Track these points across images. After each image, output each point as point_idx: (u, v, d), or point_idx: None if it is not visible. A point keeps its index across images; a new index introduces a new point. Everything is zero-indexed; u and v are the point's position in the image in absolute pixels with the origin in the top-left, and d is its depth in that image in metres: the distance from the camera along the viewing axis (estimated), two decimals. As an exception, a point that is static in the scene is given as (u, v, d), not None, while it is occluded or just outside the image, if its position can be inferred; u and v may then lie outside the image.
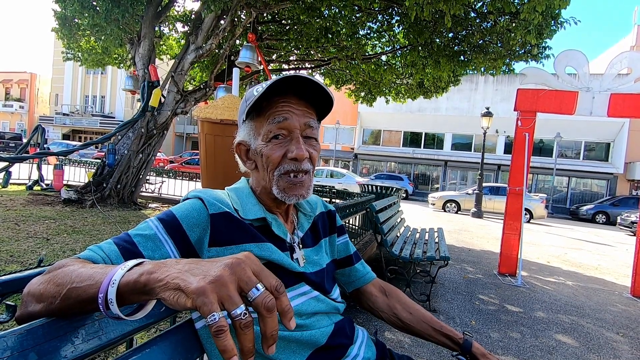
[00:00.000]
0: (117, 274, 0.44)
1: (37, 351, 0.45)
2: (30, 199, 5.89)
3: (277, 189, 0.72)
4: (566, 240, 8.73)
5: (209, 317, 0.38)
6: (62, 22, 6.59)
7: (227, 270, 0.42)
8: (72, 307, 0.48)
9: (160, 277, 0.42)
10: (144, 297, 0.44)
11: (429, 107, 21.86)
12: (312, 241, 0.83)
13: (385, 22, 6.44)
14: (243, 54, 5.28)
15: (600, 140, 21.43)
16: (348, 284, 0.96)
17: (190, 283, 0.40)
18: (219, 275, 0.41)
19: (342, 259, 0.94)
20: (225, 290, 0.40)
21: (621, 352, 2.58)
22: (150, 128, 6.32)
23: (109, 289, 0.43)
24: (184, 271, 0.42)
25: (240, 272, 0.42)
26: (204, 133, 3.99)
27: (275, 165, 0.71)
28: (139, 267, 0.45)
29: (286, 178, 0.72)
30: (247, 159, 0.77)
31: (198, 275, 0.41)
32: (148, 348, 0.64)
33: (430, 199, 15.08)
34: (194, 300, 0.39)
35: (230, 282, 0.41)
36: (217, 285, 0.40)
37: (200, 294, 0.39)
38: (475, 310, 3.12)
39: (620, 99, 3.99)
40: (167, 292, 0.41)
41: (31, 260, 2.96)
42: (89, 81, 30.67)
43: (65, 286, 0.47)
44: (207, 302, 0.39)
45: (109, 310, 0.44)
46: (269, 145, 0.71)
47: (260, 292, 0.42)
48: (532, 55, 5.43)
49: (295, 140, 0.71)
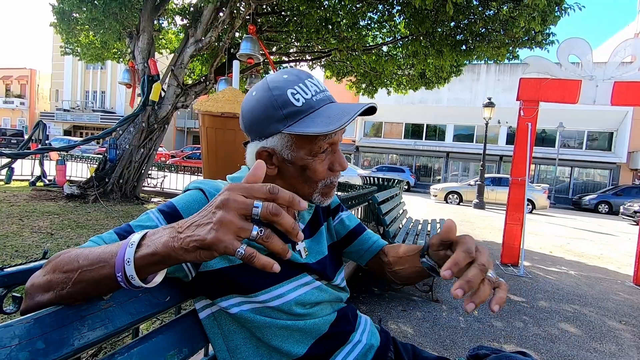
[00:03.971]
0: (128, 252, 0.47)
1: (44, 339, 0.46)
2: (33, 195, 5.92)
3: (319, 195, 0.74)
4: (569, 230, 8.73)
5: (237, 253, 0.43)
6: (61, 17, 6.54)
7: (224, 212, 0.44)
8: (85, 290, 0.50)
9: (174, 245, 0.45)
10: (163, 266, 0.48)
11: (430, 99, 21.72)
12: (313, 231, 0.83)
13: (386, 12, 6.35)
14: (244, 45, 5.21)
15: (603, 129, 21.27)
16: (359, 258, 0.93)
17: (204, 238, 0.43)
18: (220, 220, 0.44)
19: (342, 239, 0.92)
20: (233, 227, 0.43)
21: (623, 340, 2.59)
22: (151, 122, 6.31)
23: (126, 267, 0.46)
24: (191, 232, 0.45)
25: (233, 205, 0.44)
26: (205, 126, 3.98)
27: (322, 178, 0.72)
28: (146, 240, 0.48)
29: (327, 186, 0.75)
30: (268, 165, 0.71)
31: (204, 226, 0.44)
32: (153, 337, 0.65)
33: (432, 191, 15.07)
34: (215, 249, 0.43)
35: (232, 217, 0.44)
36: (225, 227, 0.43)
37: (219, 242, 0.43)
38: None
39: (624, 88, 3.95)
40: (189, 255, 0.45)
41: (36, 255, 2.99)
42: (89, 76, 30.57)
43: (75, 271, 0.49)
44: (228, 244, 0.43)
45: (131, 285, 0.48)
46: (317, 160, 0.70)
47: (261, 206, 0.44)
48: (536, 42, 5.35)
49: (339, 153, 0.74)
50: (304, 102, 0.67)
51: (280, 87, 0.67)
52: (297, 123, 0.66)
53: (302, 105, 0.67)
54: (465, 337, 2.41)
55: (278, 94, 0.67)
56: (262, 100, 0.68)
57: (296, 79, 0.69)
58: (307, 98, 0.67)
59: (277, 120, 0.67)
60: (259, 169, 0.49)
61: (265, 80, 0.71)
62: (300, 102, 0.67)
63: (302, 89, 0.68)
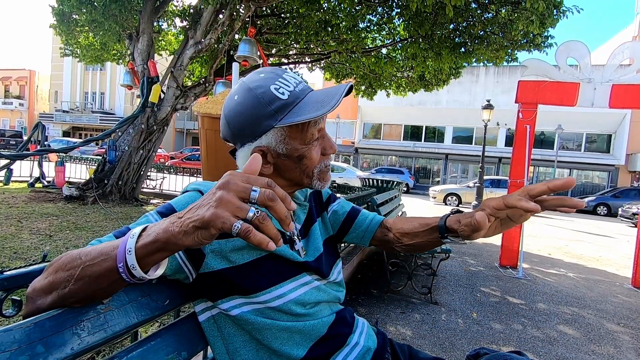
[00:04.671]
0: (129, 242, 0.48)
1: (44, 343, 0.46)
2: (32, 196, 5.91)
3: (318, 181, 0.76)
4: (567, 232, 8.74)
5: (233, 227, 0.44)
6: (60, 18, 6.55)
7: (224, 192, 0.46)
8: (87, 286, 0.50)
9: (175, 229, 0.46)
10: (164, 254, 0.49)
11: (429, 101, 21.77)
12: (307, 229, 0.84)
13: (385, 14, 6.37)
14: (242, 47, 5.22)
15: (602, 131, 21.34)
16: (361, 240, 0.94)
17: (202, 216, 0.45)
18: (220, 198, 0.45)
19: (339, 228, 0.93)
20: (231, 205, 0.45)
21: (622, 342, 2.60)
22: (150, 124, 6.31)
23: (127, 257, 0.47)
24: (191, 214, 0.47)
25: (233, 187, 0.46)
26: (204, 128, 3.98)
27: (317, 163, 0.75)
28: (147, 231, 0.49)
29: (323, 170, 0.77)
30: (263, 165, 0.71)
31: (204, 207, 0.46)
32: (153, 340, 0.65)
33: (431, 193, 15.09)
34: (213, 226, 0.44)
35: (231, 197, 0.45)
36: (223, 205, 0.45)
37: (216, 218, 0.44)
38: (476, 303, 3.14)
39: (622, 90, 3.96)
40: (188, 238, 0.46)
41: (35, 257, 2.98)
42: (88, 78, 30.57)
43: (78, 267, 0.50)
44: (225, 219, 0.44)
45: (132, 276, 0.48)
46: (311, 148, 0.72)
47: (259, 191, 0.46)
48: (535, 45, 5.38)
49: (327, 137, 0.76)
50: (290, 94, 0.68)
51: (262, 86, 0.68)
52: (287, 115, 0.67)
53: (288, 97, 0.68)
54: (464, 340, 2.41)
55: (262, 91, 0.67)
56: (248, 101, 0.68)
57: (274, 75, 0.70)
58: (290, 90, 0.68)
59: (267, 117, 0.67)
60: (255, 162, 0.51)
61: (243, 83, 0.71)
62: (286, 95, 0.68)
63: (283, 83, 0.69)
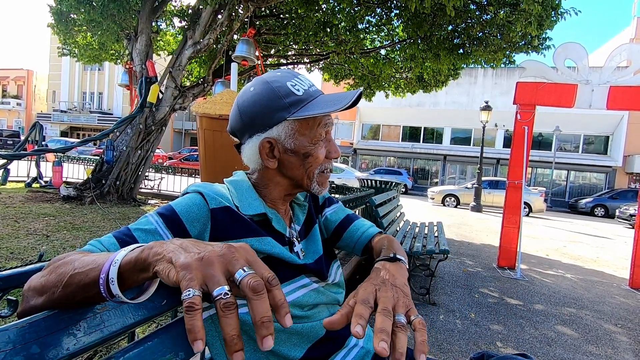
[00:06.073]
0: (120, 254, 0.46)
1: (39, 344, 0.45)
2: (29, 196, 5.89)
3: (317, 184, 0.77)
4: (565, 234, 8.76)
5: (185, 292, 0.37)
6: (58, 18, 6.53)
7: (218, 252, 0.42)
8: (73, 294, 0.47)
9: (158, 251, 0.43)
10: (143, 274, 0.44)
11: (428, 102, 21.81)
12: (307, 230, 0.84)
13: (384, 15, 6.39)
14: (240, 47, 5.22)
15: (599, 133, 21.43)
16: (353, 250, 0.94)
17: (179, 258, 0.41)
18: (208, 255, 0.41)
19: (331, 234, 0.93)
20: (210, 270, 0.40)
21: (619, 343, 2.60)
22: (148, 124, 6.30)
23: (111, 269, 0.44)
24: (181, 248, 0.44)
25: (230, 255, 0.42)
26: (202, 129, 3.97)
27: (320, 164, 0.75)
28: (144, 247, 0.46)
29: (324, 174, 0.78)
30: (269, 157, 0.73)
31: (190, 253, 0.42)
32: (149, 341, 0.64)
33: (430, 194, 15.10)
34: (178, 273, 0.40)
35: (218, 262, 0.41)
36: (203, 263, 0.40)
37: (185, 269, 0.39)
38: (474, 303, 3.14)
39: (620, 92, 3.98)
40: (161, 264, 0.42)
41: (31, 257, 2.97)
42: (86, 78, 30.49)
43: (67, 273, 0.47)
44: (188, 277, 0.39)
45: (111, 294, 0.44)
46: (317, 147, 0.74)
47: (247, 274, 0.40)
48: (533, 47, 5.40)
49: (333, 141, 0.78)
50: (304, 92, 0.71)
51: (279, 80, 0.71)
52: (300, 110, 0.70)
53: (302, 94, 0.71)
54: (462, 340, 2.41)
55: (279, 85, 0.70)
56: (264, 93, 0.71)
57: (290, 75, 0.74)
58: (305, 89, 0.72)
59: (281, 108, 0.70)
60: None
61: (261, 77, 0.74)
62: (301, 92, 0.71)
63: (299, 82, 0.72)
